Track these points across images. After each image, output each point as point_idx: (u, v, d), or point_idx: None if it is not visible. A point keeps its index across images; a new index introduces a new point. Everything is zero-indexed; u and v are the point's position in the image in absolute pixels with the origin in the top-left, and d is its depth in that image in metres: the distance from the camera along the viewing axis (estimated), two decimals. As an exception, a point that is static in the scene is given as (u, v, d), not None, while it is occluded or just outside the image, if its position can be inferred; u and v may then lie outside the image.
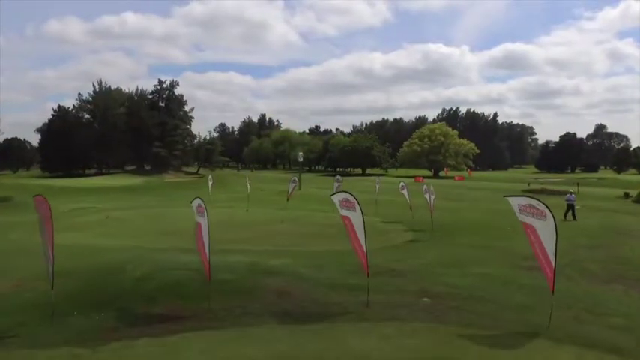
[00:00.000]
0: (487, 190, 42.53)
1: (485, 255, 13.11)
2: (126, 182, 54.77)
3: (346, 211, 9.11)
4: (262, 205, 27.84)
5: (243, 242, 15.36)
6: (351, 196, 9.04)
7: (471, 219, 22.48)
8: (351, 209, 8.95)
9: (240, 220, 20.40)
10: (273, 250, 14.03)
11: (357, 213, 8.88)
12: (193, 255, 10.51)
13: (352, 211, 8.95)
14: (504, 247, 14.54)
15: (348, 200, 9.00)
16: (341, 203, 9.23)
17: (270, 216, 22.44)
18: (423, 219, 19.66)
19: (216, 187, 44.06)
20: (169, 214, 23.51)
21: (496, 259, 12.58)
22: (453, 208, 27.58)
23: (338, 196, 9.56)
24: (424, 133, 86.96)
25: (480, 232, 17.79)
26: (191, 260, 10.63)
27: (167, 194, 38.99)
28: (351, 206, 8.96)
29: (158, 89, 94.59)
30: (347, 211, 9.09)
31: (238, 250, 13.75)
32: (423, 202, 20.30)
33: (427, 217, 19.12)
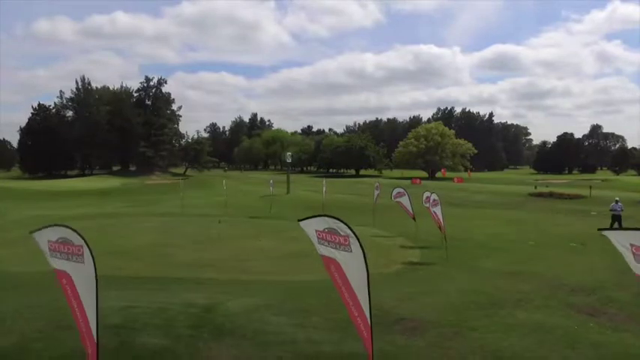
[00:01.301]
0: (491, 194, 39.46)
1: (525, 288, 9.90)
2: (103, 184, 51.20)
3: (332, 249, 5.23)
4: (241, 213, 24.53)
5: (205, 267, 12.08)
6: (343, 225, 5.16)
7: (486, 231, 19.30)
8: (342, 247, 5.17)
9: (210, 235, 17.07)
10: (241, 280, 10.75)
11: (352, 255, 5.12)
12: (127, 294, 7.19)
13: (344, 251, 5.18)
14: (542, 273, 11.35)
15: (337, 232, 5.17)
16: (321, 236, 5.35)
17: (247, 228, 19.10)
18: (429, 230, 16.50)
19: (196, 190, 40.76)
20: (131, 224, 20.12)
21: (541, 296, 9.38)
22: (460, 215, 24.42)
23: (315, 222, 5.44)
24: (420, 132, 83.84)
25: (504, 250, 14.61)
26: (112, 310, 7.32)
27: (141, 199, 35.53)
28: (341, 242, 5.17)
29: (144, 87, 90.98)
30: (333, 250, 5.22)
31: (194, 279, 10.49)
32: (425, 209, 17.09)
33: (433, 227, 15.96)
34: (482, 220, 23.66)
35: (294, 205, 28.32)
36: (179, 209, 25.92)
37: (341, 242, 5.17)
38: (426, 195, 16.23)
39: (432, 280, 10.64)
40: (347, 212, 25.00)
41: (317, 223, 5.44)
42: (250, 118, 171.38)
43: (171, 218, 22.50)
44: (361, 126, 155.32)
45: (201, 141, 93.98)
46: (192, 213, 24.42)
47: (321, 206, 26.96)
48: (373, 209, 20.32)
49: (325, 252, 5.30)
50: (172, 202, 30.76)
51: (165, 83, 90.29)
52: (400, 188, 18.06)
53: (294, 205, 27.83)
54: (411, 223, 17.66)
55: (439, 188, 46.18)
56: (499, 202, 33.53)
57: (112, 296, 8.43)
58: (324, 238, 5.34)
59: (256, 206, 26.86)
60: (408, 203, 17.41)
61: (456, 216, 24.82)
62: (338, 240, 5.17)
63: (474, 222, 22.47)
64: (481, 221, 22.95)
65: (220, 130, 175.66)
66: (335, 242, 5.20)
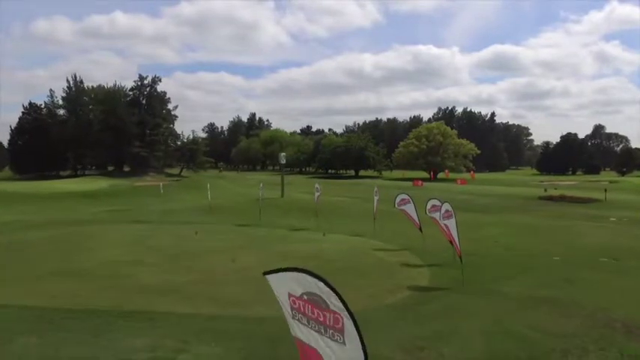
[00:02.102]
0: (497, 197, 37.27)
1: (567, 327, 7.69)
2: (90, 186, 48.96)
3: (312, 332, 3.09)
4: (228, 220, 22.33)
5: (168, 294, 9.88)
6: (333, 295, 2.96)
7: (501, 241, 17.10)
8: (329, 333, 2.94)
9: (185, 248, 14.82)
10: (209, 315, 8.54)
11: (345, 349, 2.84)
12: None
13: (332, 341, 2.92)
14: (581, 302, 9.14)
15: (321, 304, 2.99)
16: (297, 305, 3.21)
17: (231, 239, 16.84)
18: (437, 242, 14.34)
19: (186, 192, 38.60)
20: (101, 234, 17.84)
21: (591, 339, 7.18)
22: (468, 222, 22.17)
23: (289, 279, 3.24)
24: (421, 132, 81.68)
25: (527, 268, 12.39)
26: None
27: (126, 202, 33.32)
28: (328, 324, 2.93)
29: (139, 86, 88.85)
30: (315, 335, 3.07)
31: (148, 314, 8.30)
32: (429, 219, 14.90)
33: (442, 238, 13.81)
34: (492, 227, 21.46)
35: (287, 209, 26.16)
36: (160, 215, 23.75)
37: (328, 324, 2.91)
38: (431, 203, 13.99)
39: (448, 315, 8.41)
40: (344, 219, 22.87)
41: (291, 282, 3.19)
42: (249, 117, 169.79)
43: (150, 226, 20.31)
44: (361, 126, 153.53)
45: (197, 141, 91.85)
46: (174, 220, 22.22)
47: (315, 212, 24.83)
48: (374, 217, 18.11)
49: (300, 334, 3.07)
50: (157, 207, 28.61)
51: (160, 82, 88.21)
52: (404, 194, 15.84)
53: (287, 210, 25.68)
54: (417, 233, 15.49)
55: (442, 190, 43.99)
56: (507, 206, 31.36)
57: (21, 344, 6.25)
58: (301, 310, 3.09)
59: (247, 211, 24.67)
60: (413, 212, 15.19)
61: (464, 222, 22.57)
62: (324, 318, 2.92)
63: (484, 230, 20.28)
64: (492, 229, 20.75)
65: (218, 130, 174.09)
66: (318, 321, 2.94)
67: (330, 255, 13.93)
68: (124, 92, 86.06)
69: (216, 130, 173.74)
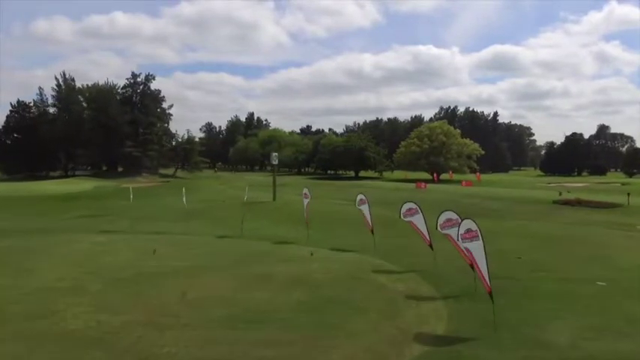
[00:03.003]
0: (508, 200, 34.50)
1: None
2: (74, 188, 46.35)
3: None
4: (209, 229, 19.52)
5: (90, 348, 7.12)
6: None
7: (525, 257, 14.34)
8: None
9: (140, 269, 11.94)
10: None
11: None
12: None
13: None
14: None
15: None
16: None
17: (202, 256, 14.01)
18: (452, 261, 11.67)
19: (169, 196, 35.85)
20: (49, 249, 14.91)
21: None
22: (484, 230, 19.45)
23: None
24: (423, 132, 78.92)
25: (570, 299, 9.66)
26: None
27: (103, 206, 30.56)
28: None
29: (132, 83, 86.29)
30: None
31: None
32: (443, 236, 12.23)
33: (456, 255, 11.15)
34: (510, 238, 18.68)
35: (277, 216, 23.41)
36: (133, 222, 21.03)
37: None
38: (445, 217, 11.20)
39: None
40: (339, 228, 20.11)
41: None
42: (247, 117, 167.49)
43: (115, 237, 17.56)
44: (361, 126, 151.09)
45: (192, 140, 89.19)
46: (146, 229, 19.44)
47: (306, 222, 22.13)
48: (371, 231, 15.32)
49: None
50: (134, 212, 25.88)
51: (154, 79, 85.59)
52: (411, 203, 13.06)
53: (277, 217, 22.93)
54: (425, 248, 12.77)
55: (447, 193, 41.22)
56: (521, 212, 28.60)
57: None
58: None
59: (231, 218, 21.87)
60: (422, 224, 12.44)
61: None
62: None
63: (501, 241, 17.50)
64: (510, 240, 17.98)
65: (216, 130, 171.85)
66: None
67: (318, 279, 11.19)
68: (116, 90, 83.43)
69: (214, 130, 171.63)
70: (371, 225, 14.73)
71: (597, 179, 79.13)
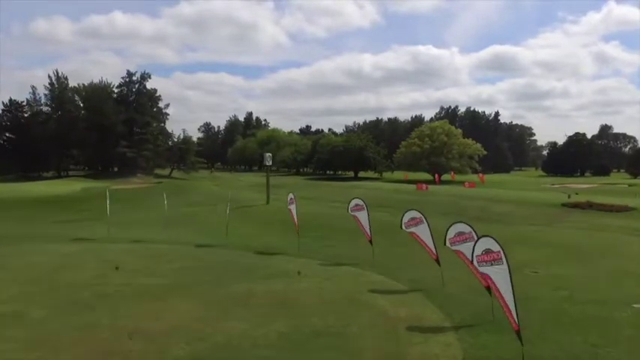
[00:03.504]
0: (514, 203, 32.76)
1: None
2: (62, 190, 44.48)
3: None
4: (190, 237, 17.76)
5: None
6: None
7: (542, 271, 12.65)
8: None
9: (97, 291, 10.01)
10: None
11: None
12: None
13: None
14: None
15: None
16: None
17: (170, 272, 12.27)
18: (462, 278, 10.01)
19: (159, 198, 34.16)
20: (5, 264, 13.24)
21: None
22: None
23: None
24: (424, 131, 77.14)
25: (605, 330, 7.96)
26: None
27: (85, 210, 28.88)
28: None
29: (127, 82, 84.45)
30: None
31: None
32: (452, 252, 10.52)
33: (465, 272, 9.52)
34: (523, 247, 16.98)
35: (268, 221, 21.70)
36: (111, 229, 19.27)
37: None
38: (456, 229, 9.52)
39: None
40: (335, 235, 18.37)
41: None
42: (245, 117, 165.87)
43: (85, 246, 15.87)
44: (361, 126, 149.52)
45: (188, 140, 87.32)
46: (122, 237, 17.67)
47: (301, 224, 20.46)
48: (370, 240, 13.62)
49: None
50: (117, 217, 24.18)
51: (149, 78, 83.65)
52: (415, 212, 11.33)
53: (269, 222, 21.22)
54: (430, 261, 11.11)
55: (450, 195, 39.44)
56: (530, 216, 26.90)
57: None
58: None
59: (221, 223, 20.15)
60: (428, 236, 10.75)
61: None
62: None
63: (514, 251, 15.76)
64: (523, 250, 16.29)
65: (215, 130, 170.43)
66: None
67: (306, 303, 9.50)
68: (111, 89, 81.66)
69: (213, 130, 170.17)
70: (370, 235, 13.04)
71: (602, 180, 77.44)
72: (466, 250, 8.92)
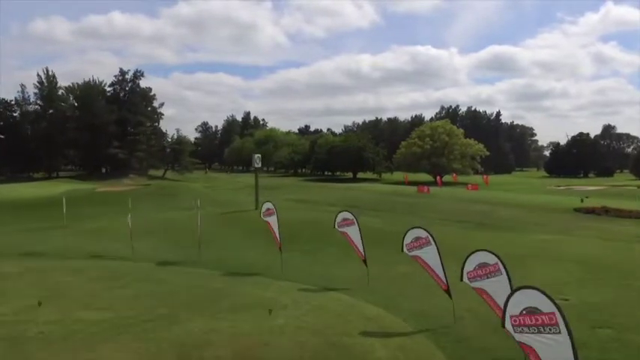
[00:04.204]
0: (521, 208, 30.61)
1: None
2: (45, 192, 42.38)
3: None
4: (153, 251, 15.51)
5: None
6: None
7: (577, 298, 10.40)
8: None
9: (14, 333, 7.93)
10: None
11: None
12: None
13: None
14: None
15: None
16: None
17: (117, 303, 9.92)
18: (479, 311, 7.79)
19: (141, 203, 31.96)
20: None
21: None
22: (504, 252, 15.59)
23: None
24: (425, 131, 74.96)
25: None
26: None
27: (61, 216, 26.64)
28: None
29: (119, 80, 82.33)
30: None
31: None
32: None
33: (478, 302, 7.37)
34: (540, 261, 14.79)
35: (254, 230, 19.37)
36: (71, 241, 17.07)
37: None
38: (477, 259, 7.28)
39: None
40: (328, 248, 16.13)
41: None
42: (243, 117, 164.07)
43: (29, 264, 13.57)
44: (360, 126, 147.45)
45: (182, 141, 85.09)
46: (82, 251, 15.38)
47: (291, 233, 18.28)
48: (364, 260, 11.38)
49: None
50: (84, 225, 22.07)
51: (142, 76, 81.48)
52: (421, 230, 9.01)
53: (254, 232, 18.90)
54: (437, 289, 8.91)
55: (453, 199, 37.19)
56: (540, 223, 24.68)
57: None
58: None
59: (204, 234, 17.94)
60: (437, 262, 8.52)
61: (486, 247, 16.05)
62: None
63: (531, 269, 13.64)
64: (542, 266, 14.10)
65: (212, 130, 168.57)
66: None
67: (279, 353, 7.27)
68: (102, 88, 79.46)
69: (211, 130, 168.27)
70: (363, 254, 10.85)
71: (607, 181, 75.31)
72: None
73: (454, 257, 12.37)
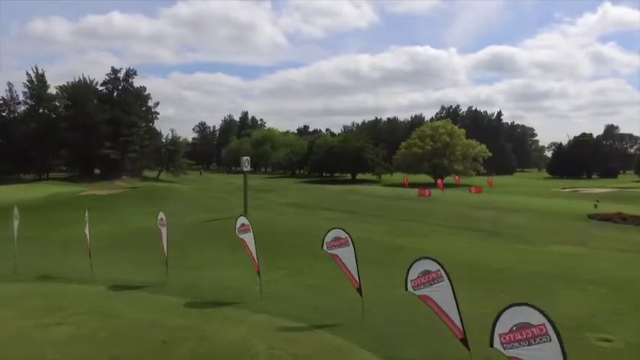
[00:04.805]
0: (530, 213, 28.57)
1: None
2: (27, 195, 40.24)
3: None
4: (121, 270, 13.45)
5: None
6: None
7: (625, 337, 8.35)
8: None
9: None
10: None
11: None
12: None
13: None
14: None
15: None
16: None
17: (46, 346, 7.95)
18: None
19: (122, 208, 29.94)
20: None
21: None
22: (516, 267, 13.50)
23: None
24: (426, 132, 72.93)
25: None
26: None
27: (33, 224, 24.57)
28: None
29: (111, 79, 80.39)
30: None
31: None
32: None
33: None
34: (561, 282, 12.75)
35: (235, 243, 17.24)
36: (29, 256, 15.00)
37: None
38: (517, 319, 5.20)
39: None
40: (318, 267, 14.00)
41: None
42: (241, 117, 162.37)
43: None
44: (359, 126, 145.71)
45: (176, 141, 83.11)
46: (30, 272, 13.28)
47: (278, 245, 16.34)
48: (359, 290, 9.33)
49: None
50: (50, 236, 20.04)
51: (135, 75, 79.49)
52: (431, 261, 6.92)
53: (236, 246, 16.73)
54: (448, 332, 6.87)
55: (457, 203, 35.00)
56: (553, 231, 22.65)
57: None
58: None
59: (176, 247, 15.88)
60: (452, 305, 6.47)
61: (501, 265, 13.97)
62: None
63: (555, 294, 11.65)
64: (565, 289, 12.09)
65: (210, 130, 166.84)
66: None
67: None
68: (94, 87, 77.46)
69: (208, 130, 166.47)
70: (358, 282, 8.84)
71: (612, 183, 73.35)
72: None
73: (477, 281, 10.26)
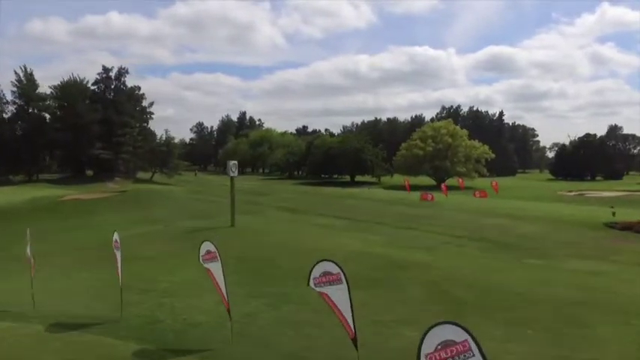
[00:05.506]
0: (542, 221, 26.50)
1: None
2: (11, 198, 38.43)
3: None
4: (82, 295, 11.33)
5: None
6: None
7: None
8: None
9: None
10: None
11: None
12: None
13: None
14: None
15: None
16: None
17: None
18: None
19: (104, 214, 27.91)
20: None
21: None
22: (531, 285, 11.42)
23: None
24: (427, 132, 70.92)
25: None
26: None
27: (5, 234, 22.62)
28: None
29: (103, 78, 78.40)
30: None
31: None
32: None
33: None
34: (596, 312, 10.69)
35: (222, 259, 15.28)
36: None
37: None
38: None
39: None
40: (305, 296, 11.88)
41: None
42: (239, 117, 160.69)
43: None
44: (359, 126, 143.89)
45: (170, 142, 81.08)
46: None
47: (263, 263, 14.29)
48: (354, 339, 7.32)
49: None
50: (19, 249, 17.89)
51: (127, 73, 77.52)
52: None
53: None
54: None
55: (461, 209, 32.76)
56: (570, 242, 20.58)
57: None
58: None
59: (156, 264, 13.80)
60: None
61: (518, 287, 11.86)
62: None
63: (587, 325, 9.67)
64: (598, 317, 10.08)
65: (208, 130, 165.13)
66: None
67: None
68: (85, 86, 75.47)
69: (206, 130, 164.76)
70: (353, 330, 6.76)
71: (618, 185, 71.46)
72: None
73: (494, 310, 8.11)
